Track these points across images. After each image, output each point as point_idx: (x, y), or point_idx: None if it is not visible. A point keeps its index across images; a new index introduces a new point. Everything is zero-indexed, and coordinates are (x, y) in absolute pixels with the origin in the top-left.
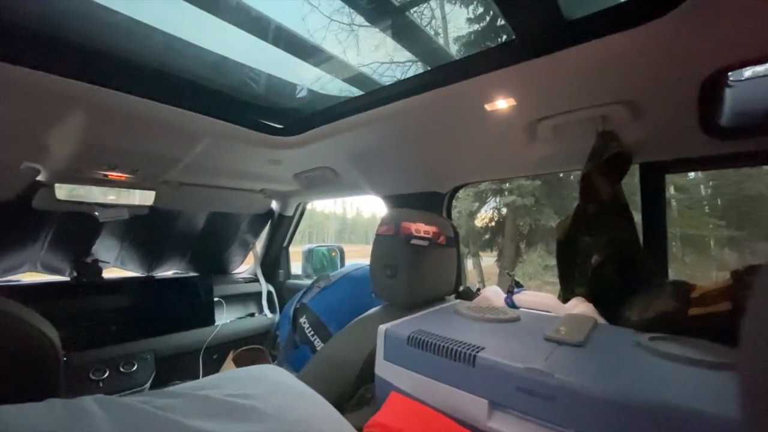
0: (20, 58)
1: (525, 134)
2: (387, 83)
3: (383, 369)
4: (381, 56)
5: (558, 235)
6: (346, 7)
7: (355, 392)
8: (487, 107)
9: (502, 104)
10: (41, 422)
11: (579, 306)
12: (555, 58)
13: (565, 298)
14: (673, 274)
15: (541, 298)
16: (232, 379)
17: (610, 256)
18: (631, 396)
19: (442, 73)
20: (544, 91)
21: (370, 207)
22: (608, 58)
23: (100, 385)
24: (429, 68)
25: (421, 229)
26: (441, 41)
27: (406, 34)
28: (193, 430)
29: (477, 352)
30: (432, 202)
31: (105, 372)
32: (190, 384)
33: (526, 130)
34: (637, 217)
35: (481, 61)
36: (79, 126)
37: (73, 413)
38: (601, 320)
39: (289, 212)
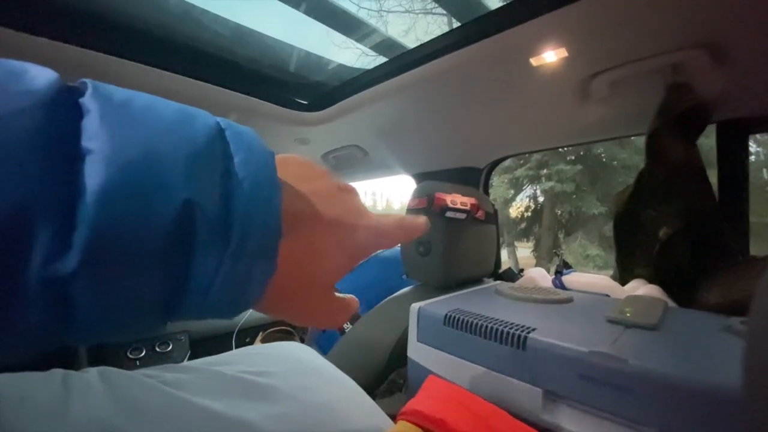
0: (37, 28)
1: (576, 93)
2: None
3: (417, 352)
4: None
5: (616, 208)
6: None
7: (386, 377)
8: (533, 61)
9: (550, 56)
10: (36, 393)
11: (641, 288)
12: None
13: (623, 280)
14: None
15: (594, 279)
16: (252, 356)
17: (682, 228)
18: (737, 387)
19: (480, 24)
20: (602, 37)
21: (400, 199)
22: None
23: (137, 363)
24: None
25: (458, 200)
26: None
27: None
28: (199, 407)
29: (527, 332)
30: (468, 179)
31: (142, 351)
32: (205, 359)
33: (578, 87)
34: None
35: (527, 5)
36: None
37: (72, 385)
38: (670, 303)
39: None
